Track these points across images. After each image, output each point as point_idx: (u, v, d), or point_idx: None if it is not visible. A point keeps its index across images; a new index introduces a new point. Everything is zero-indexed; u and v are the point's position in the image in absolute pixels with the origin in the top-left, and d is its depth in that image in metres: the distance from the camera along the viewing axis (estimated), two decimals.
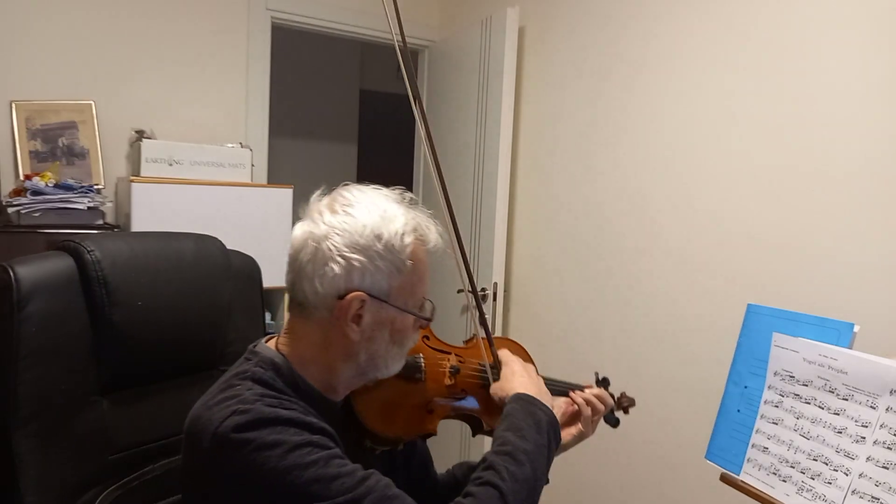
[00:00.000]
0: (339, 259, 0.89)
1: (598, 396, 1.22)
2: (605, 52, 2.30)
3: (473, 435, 1.23)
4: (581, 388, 1.24)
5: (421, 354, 1.13)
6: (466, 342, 1.25)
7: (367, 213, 0.91)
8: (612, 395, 1.34)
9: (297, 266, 0.92)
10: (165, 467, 1.19)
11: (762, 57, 1.79)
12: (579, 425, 1.19)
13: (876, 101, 1.55)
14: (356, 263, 0.89)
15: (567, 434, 1.17)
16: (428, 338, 1.16)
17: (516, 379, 1.10)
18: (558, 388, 1.23)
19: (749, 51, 1.82)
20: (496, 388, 1.12)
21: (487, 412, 1.16)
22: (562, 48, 2.50)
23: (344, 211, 0.91)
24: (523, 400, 1.05)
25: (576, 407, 1.20)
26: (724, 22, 1.89)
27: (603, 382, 1.35)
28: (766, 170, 1.78)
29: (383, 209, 0.93)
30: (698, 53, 1.97)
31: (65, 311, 1.08)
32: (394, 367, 0.98)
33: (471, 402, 1.17)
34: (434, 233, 0.97)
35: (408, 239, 0.92)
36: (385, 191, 0.97)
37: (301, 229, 0.93)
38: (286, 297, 1.01)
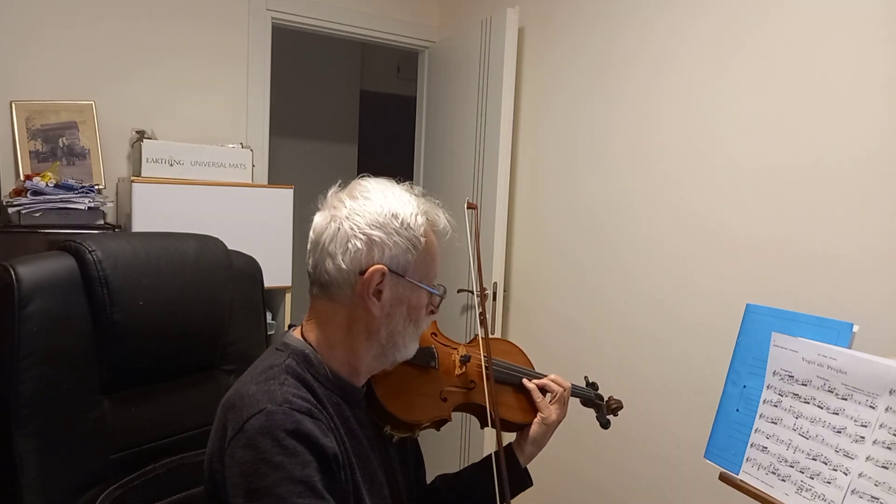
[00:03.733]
0: (360, 236, 0.96)
1: (553, 380, 1.28)
2: (605, 52, 2.31)
3: (482, 427, 1.27)
4: (539, 377, 1.30)
5: (433, 345, 1.19)
6: (469, 342, 1.29)
7: (383, 197, 1.00)
8: (600, 398, 1.41)
9: (320, 248, 0.99)
10: (167, 466, 1.20)
11: (759, 57, 1.79)
12: (539, 413, 1.25)
13: (874, 100, 1.55)
14: (376, 239, 0.96)
15: (535, 425, 1.25)
16: (436, 334, 1.22)
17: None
18: (515, 375, 1.28)
19: (747, 52, 1.82)
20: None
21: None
22: (561, 49, 2.50)
23: (363, 196, 1.00)
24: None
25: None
26: (722, 23, 1.89)
27: (592, 386, 1.42)
28: (764, 169, 1.78)
29: (398, 194, 1.01)
30: (697, 53, 1.97)
31: (66, 311, 1.08)
32: (411, 346, 1.05)
33: (480, 394, 1.21)
34: (443, 218, 1.05)
35: (420, 219, 1.00)
36: (396, 184, 1.06)
37: (322, 215, 1.01)
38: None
